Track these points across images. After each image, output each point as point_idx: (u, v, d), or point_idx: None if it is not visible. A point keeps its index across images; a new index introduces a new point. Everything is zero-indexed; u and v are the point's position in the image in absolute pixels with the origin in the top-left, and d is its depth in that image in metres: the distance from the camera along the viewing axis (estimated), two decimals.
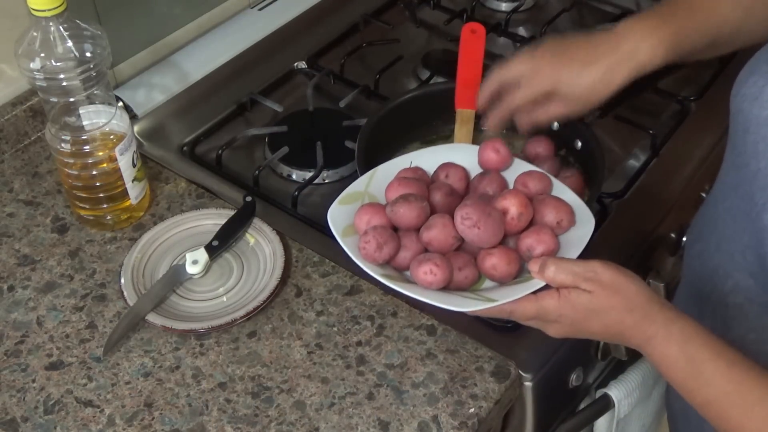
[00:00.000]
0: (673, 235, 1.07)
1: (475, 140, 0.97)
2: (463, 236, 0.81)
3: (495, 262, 0.79)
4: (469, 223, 0.79)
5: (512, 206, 0.81)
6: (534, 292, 0.75)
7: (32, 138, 1.11)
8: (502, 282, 0.80)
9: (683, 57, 0.88)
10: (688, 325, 0.71)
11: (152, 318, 0.88)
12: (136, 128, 1.13)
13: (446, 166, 0.89)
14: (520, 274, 0.81)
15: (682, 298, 0.90)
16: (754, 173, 0.70)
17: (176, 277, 0.93)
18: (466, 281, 0.80)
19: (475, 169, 0.90)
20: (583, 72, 0.87)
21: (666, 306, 0.72)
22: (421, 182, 0.86)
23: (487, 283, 0.82)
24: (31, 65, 0.88)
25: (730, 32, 0.89)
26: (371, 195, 0.87)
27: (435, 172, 0.90)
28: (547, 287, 0.75)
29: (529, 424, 0.91)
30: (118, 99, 1.08)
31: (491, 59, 1.28)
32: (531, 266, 0.76)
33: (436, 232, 0.81)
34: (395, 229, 0.83)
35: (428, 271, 0.78)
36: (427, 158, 0.91)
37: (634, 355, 1.00)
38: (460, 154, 0.91)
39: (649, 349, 0.72)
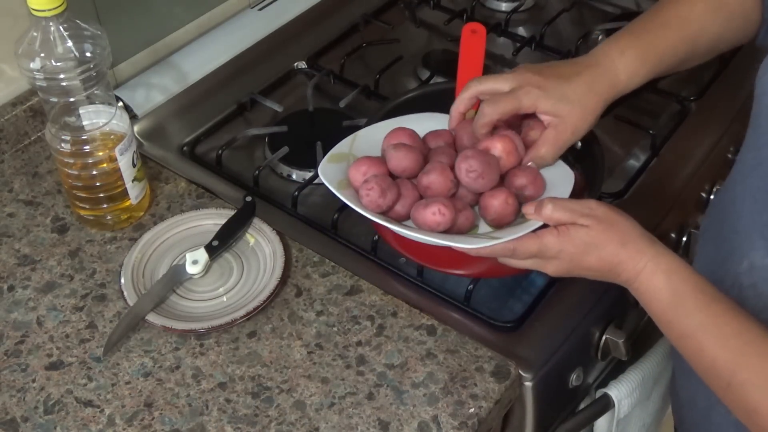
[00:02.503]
0: (673, 235, 1.07)
1: None
2: (468, 186, 0.85)
3: (505, 197, 0.83)
4: (474, 175, 0.83)
5: (495, 149, 0.85)
6: (533, 231, 0.78)
7: (32, 138, 1.11)
8: (502, 221, 0.84)
9: (665, 70, 0.90)
10: (675, 259, 0.74)
11: (152, 318, 0.88)
12: (136, 128, 1.13)
13: (433, 134, 0.92)
14: (515, 216, 0.84)
15: None
16: None
17: (176, 277, 0.93)
18: (466, 222, 0.84)
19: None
20: (569, 84, 0.85)
21: (656, 242, 0.76)
22: (419, 138, 0.90)
23: (482, 229, 0.85)
24: (31, 65, 0.88)
25: (708, 42, 0.90)
26: (355, 156, 0.89)
27: (423, 138, 0.92)
28: (544, 227, 0.78)
29: (529, 424, 0.91)
30: (118, 99, 1.08)
31: (491, 59, 1.30)
32: (526, 209, 0.80)
33: (435, 176, 0.84)
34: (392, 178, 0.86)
35: (436, 212, 0.81)
36: (411, 125, 0.93)
37: (634, 355, 1.00)
38: (442, 122, 0.93)
39: (636, 283, 0.75)
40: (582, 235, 0.76)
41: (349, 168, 0.86)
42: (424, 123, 0.94)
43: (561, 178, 0.87)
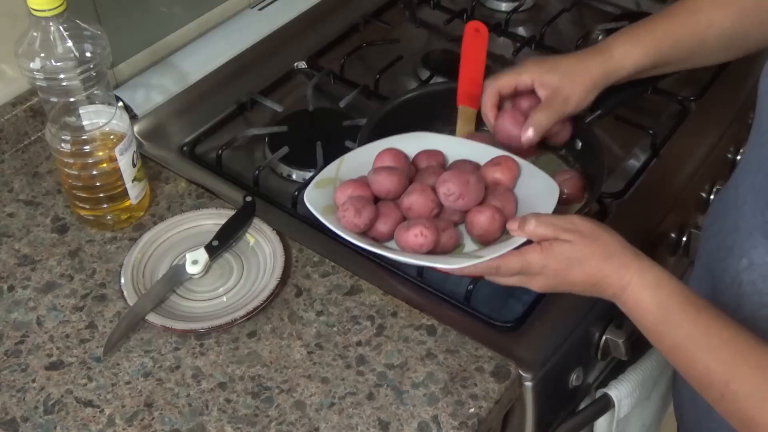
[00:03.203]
0: (673, 235, 1.07)
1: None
2: (450, 208, 0.85)
3: (491, 212, 0.83)
4: (453, 197, 0.84)
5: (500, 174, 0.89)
6: (517, 248, 0.78)
7: (32, 138, 1.11)
8: (489, 237, 0.84)
9: (667, 59, 0.91)
10: (660, 273, 0.74)
11: (152, 318, 0.88)
12: (136, 128, 1.13)
13: (425, 154, 0.92)
14: (502, 233, 0.84)
15: (695, 279, 0.91)
16: None
17: (176, 277, 0.93)
18: (450, 241, 0.84)
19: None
20: (564, 59, 0.91)
21: (640, 255, 0.76)
22: (407, 160, 0.91)
23: (468, 248, 0.86)
24: (31, 65, 0.88)
25: (719, 36, 0.91)
26: (341, 180, 0.90)
27: (413, 159, 0.93)
28: (528, 243, 0.78)
29: (529, 424, 0.91)
30: (118, 99, 1.08)
31: (491, 59, 1.30)
32: (510, 225, 0.80)
33: (416, 197, 0.85)
34: (376, 201, 0.87)
35: (418, 234, 0.81)
36: (401, 146, 0.93)
37: (634, 355, 1.00)
38: (433, 141, 0.94)
39: (623, 297, 0.75)
40: (565, 250, 0.76)
41: (337, 190, 0.87)
42: (414, 143, 0.94)
43: (545, 192, 0.87)
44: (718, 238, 0.84)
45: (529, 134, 0.90)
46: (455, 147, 0.93)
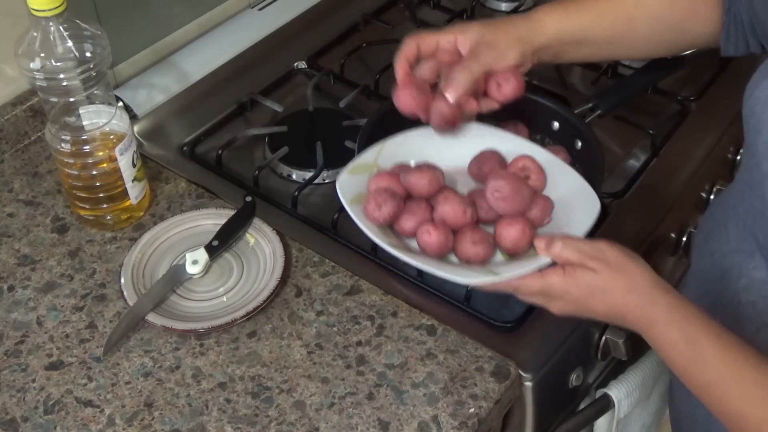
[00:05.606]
0: (673, 235, 1.07)
1: None
2: (490, 204, 0.84)
3: (522, 227, 0.81)
4: (498, 195, 0.83)
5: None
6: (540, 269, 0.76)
7: (32, 138, 1.11)
8: (517, 250, 0.82)
9: (593, 31, 0.89)
10: (690, 309, 0.72)
11: (152, 318, 0.88)
12: (136, 128, 1.13)
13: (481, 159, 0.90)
14: (530, 247, 0.82)
15: (689, 296, 0.90)
16: (765, 173, 0.71)
17: (176, 277, 0.93)
18: (477, 257, 0.82)
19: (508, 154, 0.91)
20: (485, 20, 0.88)
21: (670, 291, 0.73)
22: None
23: (495, 257, 0.83)
24: (31, 65, 0.88)
25: (648, 18, 0.89)
26: (380, 167, 0.88)
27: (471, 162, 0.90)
28: (553, 265, 0.76)
29: (529, 424, 0.91)
30: (118, 99, 1.08)
31: None
32: (537, 243, 0.77)
33: (445, 207, 0.83)
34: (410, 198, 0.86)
35: (425, 231, 0.81)
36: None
37: (634, 355, 1.00)
38: (490, 138, 0.91)
39: (650, 333, 0.73)
40: (588, 278, 0.73)
41: (370, 180, 0.86)
42: (475, 140, 0.91)
43: (585, 205, 0.85)
44: (714, 258, 0.83)
45: (448, 97, 0.84)
46: (485, 137, 0.91)
